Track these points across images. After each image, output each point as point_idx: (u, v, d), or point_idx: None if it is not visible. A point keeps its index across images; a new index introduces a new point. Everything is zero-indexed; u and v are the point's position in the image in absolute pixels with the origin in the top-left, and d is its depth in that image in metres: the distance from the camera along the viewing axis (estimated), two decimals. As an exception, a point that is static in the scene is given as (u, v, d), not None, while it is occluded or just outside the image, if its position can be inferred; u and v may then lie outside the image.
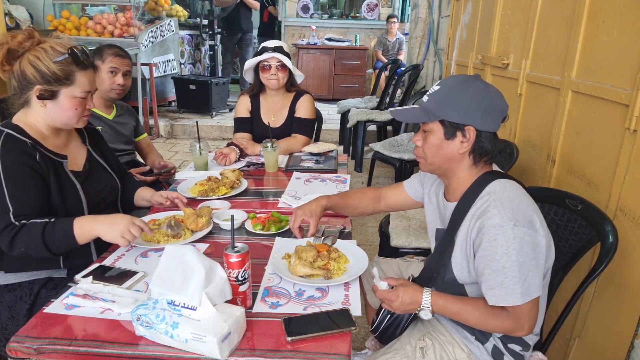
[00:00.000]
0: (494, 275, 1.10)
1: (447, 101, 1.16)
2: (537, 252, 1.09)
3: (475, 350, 1.23)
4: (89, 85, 1.43)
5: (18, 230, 1.27)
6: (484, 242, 1.11)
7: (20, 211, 1.30)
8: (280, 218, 1.59)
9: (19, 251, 1.29)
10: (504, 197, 1.12)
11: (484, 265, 1.12)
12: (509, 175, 1.22)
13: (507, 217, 1.08)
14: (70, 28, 5.35)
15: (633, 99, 1.35)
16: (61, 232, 1.29)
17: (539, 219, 1.12)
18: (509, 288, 1.08)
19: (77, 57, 1.38)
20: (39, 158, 1.36)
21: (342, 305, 1.15)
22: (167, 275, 1.01)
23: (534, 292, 1.09)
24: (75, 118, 1.44)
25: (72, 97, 1.40)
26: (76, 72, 1.38)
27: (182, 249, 1.03)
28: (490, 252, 1.09)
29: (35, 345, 0.99)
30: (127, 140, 2.35)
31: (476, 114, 1.13)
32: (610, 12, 1.53)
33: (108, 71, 2.12)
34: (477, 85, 1.15)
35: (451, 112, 1.15)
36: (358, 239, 1.53)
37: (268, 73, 2.32)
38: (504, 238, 1.07)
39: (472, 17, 3.08)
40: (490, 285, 1.11)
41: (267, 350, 1.00)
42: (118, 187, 1.66)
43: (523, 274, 1.07)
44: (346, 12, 8.08)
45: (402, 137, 3.70)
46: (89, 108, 1.46)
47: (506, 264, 1.07)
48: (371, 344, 1.65)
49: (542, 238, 1.10)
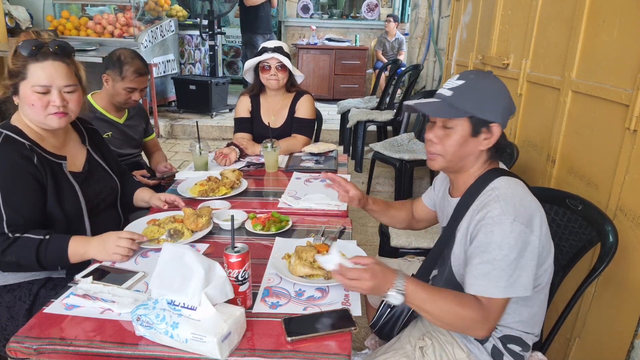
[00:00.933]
0: (482, 265, 1.09)
1: (475, 97, 1.14)
2: (529, 252, 1.08)
3: (474, 350, 1.23)
4: (47, 79, 1.32)
5: (11, 242, 1.27)
6: (480, 233, 1.11)
7: (13, 221, 1.29)
8: (280, 218, 1.59)
9: (9, 260, 1.29)
10: (508, 192, 1.12)
11: (475, 254, 1.11)
12: (514, 173, 1.22)
13: (507, 212, 1.08)
14: (70, 28, 5.36)
15: (633, 99, 1.35)
16: (55, 253, 1.30)
17: (540, 219, 1.12)
18: (493, 280, 1.08)
19: (29, 50, 1.30)
20: (37, 161, 1.34)
21: (342, 306, 1.14)
22: (166, 275, 1.01)
23: (517, 289, 1.08)
24: (38, 115, 1.34)
25: (29, 92, 1.32)
26: (29, 64, 1.31)
27: (181, 249, 1.03)
28: (484, 243, 1.09)
29: (35, 345, 0.99)
30: (137, 144, 2.35)
31: (500, 111, 1.15)
32: (611, 12, 1.52)
33: (126, 89, 2.09)
34: (498, 82, 1.18)
35: (480, 109, 1.14)
36: (358, 239, 1.52)
37: (268, 73, 2.33)
38: (501, 231, 1.07)
39: (472, 17, 3.08)
40: (475, 274, 1.10)
41: (267, 350, 0.99)
42: (118, 187, 1.66)
43: (511, 269, 1.07)
44: (346, 12, 8.08)
45: (402, 137, 3.70)
46: (55, 104, 1.34)
47: (497, 256, 1.07)
48: (371, 344, 1.65)
49: (536, 239, 1.09)
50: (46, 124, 1.38)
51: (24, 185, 1.32)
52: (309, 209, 1.72)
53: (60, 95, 1.35)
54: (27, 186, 1.32)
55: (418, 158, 3.26)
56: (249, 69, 2.41)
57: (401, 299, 1.09)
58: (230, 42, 8.05)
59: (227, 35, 7.82)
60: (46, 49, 1.33)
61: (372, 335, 1.64)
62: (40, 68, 1.31)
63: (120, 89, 2.09)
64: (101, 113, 2.16)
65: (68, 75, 1.36)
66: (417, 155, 3.28)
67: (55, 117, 1.36)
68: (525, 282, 1.09)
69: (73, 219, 1.43)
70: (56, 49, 1.34)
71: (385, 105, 4.69)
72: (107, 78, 2.11)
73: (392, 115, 4.28)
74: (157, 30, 5.50)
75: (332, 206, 1.72)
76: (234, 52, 8.13)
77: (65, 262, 1.32)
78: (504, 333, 1.22)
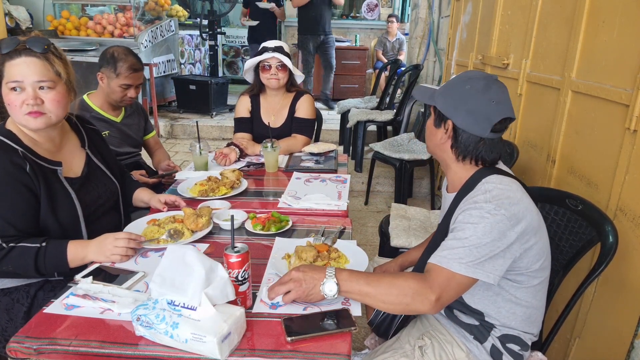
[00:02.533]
0: (451, 241, 1.09)
1: (445, 91, 1.20)
2: (502, 243, 1.07)
3: (474, 350, 1.23)
4: (19, 74, 1.27)
5: (6, 253, 1.26)
6: (460, 215, 1.11)
7: (5, 231, 1.27)
8: (280, 218, 1.59)
9: (5, 270, 1.28)
10: (498, 187, 1.12)
11: (450, 233, 1.12)
12: (512, 174, 1.22)
13: (491, 200, 1.08)
14: (70, 28, 5.36)
15: (633, 99, 1.35)
16: (54, 260, 1.29)
17: (527, 221, 1.10)
18: (457, 255, 1.06)
19: (3, 48, 1.28)
20: (29, 169, 1.31)
21: (342, 306, 1.14)
22: (167, 275, 1.01)
23: (480, 272, 1.06)
24: (16, 115, 1.30)
25: (6, 91, 1.29)
26: (5, 62, 1.28)
27: (183, 249, 1.03)
28: (461, 222, 1.10)
29: (35, 345, 0.99)
30: (135, 142, 2.34)
31: (459, 112, 1.16)
32: (611, 12, 1.52)
33: (121, 86, 2.08)
34: (476, 85, 1.15)
35: (441, 102, 1.19)
36: (358, 239, 1.53)
37: (268, 73, 2.33)
38: (479, 213, 1.07)
39: (472, 17, 3.08)
40: (442, 247, 1.10)
41: (267, 350, 0.99)
42: (118, 191, 1.63)
43: (479, 252, 1.06)
44: (346, 12, 8.07)
45: (402, 137, 3.70)
46: (27, 103, 1.28)
47: (470, 236, 1.07)
48: (370, 343, 1.65)
49: (514, 235, 1.07)
50: (25, 125, 1.33)
51: (15, 195, 1.29)
52: (309, 209, 1.72)
53: (34, 93, 1.29)
54: (18, 196, 1.29)
55: (418, 158, 3.26)
56: (249, 69, 2.41)
57: (336, 289, 1.08)
58: (230, 42, 8.05)
59: (227, 35, 7.82)
60: (21, 46, 1.29)
61: (372, 335, 1.64)
62: (14, 65, 1.28)
63: (116, 86, 2.08)
64: (97, 112, 2.15)
65: (42, 71, 1.29)
66: (417, 155, 3.28)
67: (31, 117, 1.29)
68: (491, 269, 1.07)
69: (69, 227, 1.40)
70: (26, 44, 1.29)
71: (385, 105, 4.69)
72: (101, 76, 2.10)
73: (392, 115, 4.28)
74: (157, 30, 5.50)
75: (332, 206, 1.72)
76: (234, 52, 8.13)
77: (65, 267, 1.30)
78: (502, 332, 1.22)
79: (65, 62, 1.37)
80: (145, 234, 1.47)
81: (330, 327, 1.05)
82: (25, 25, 5.17)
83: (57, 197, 1.38)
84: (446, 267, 1.07)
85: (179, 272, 1.00)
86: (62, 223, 1.38)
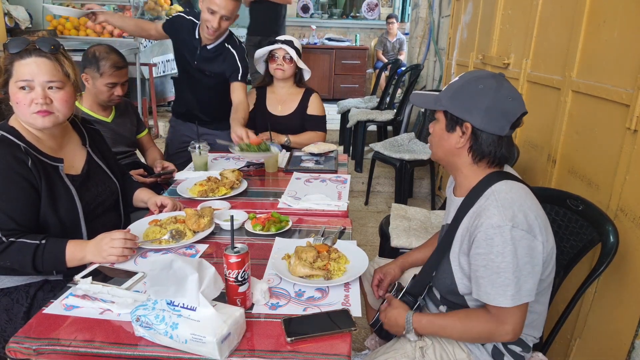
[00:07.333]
0: (487, 273, 1.09)
1: (454, 93, 1.16)
2: (532, 257, 1.08)
3: (475, 350, 1.23)
4: (29, 74, 1.30)
5: (5, 247, 1.26)
6: (480, 240, 1.10)
7: (6, 225, 1.27)
8: (280, 218, 1.58)
9: (3, 264, 1.28)
10: (507, 197, 1.11)
11: (479, 263, 1.11)
12: (518, 177, 1.22)
13: (506, 218, 1.07)
14: (69, 28, 5.34)
15: (634, 99, 1.35)
16: (52, 259, 1.29)
17: (541, 225, 1.11)
18: (500, 288, 1.08)
19: (14, 47, 1.30)
20: (31, 164, 1.32)
21: (342, 306, 1.14)
22: (161, 284, 0.99)
23: (524, 296, 1.08)
24: (24, 114, 1.32)
25: (15, 90, 1.31)
26: (15, 62, 1.30)
27: (167, 258, 0.99)
28: (486, 251, 1.09)
29: (34, 345, 0.99)
30: (129, 141, 2.32)
31: (476, 112, 1.13)
32: (611, 12, 1.52)
33: (107, 85, 2.06)
34: (488, 84, 1.13)
35: (454, 105, 1.16)
36: (358, 239, 1.52)
37: (275, 63, 2.47)
38: (501, 238, 1.06)
39: (473, 17, 3.08)
40: (482, 283, 1.11)
41: (267, 350, 0.99)
42: (118, 190, 1.63)
43: (516, 276, 1.07)
44: (346, 12, 8.07)
45: (403, 137, 3.70)
46: (37, 102, 1.30)
47: (501, 264, 1.07)
48: (371, 344, 1.65)
49: (540, 244, 1.09)
50: (32, 124, 1.35)
51: (17, 189, 1.29)
52: (309, 209, 1.71)
53: (44, 92, 1.31)
54: (19, 190, 1.30)
55: (418, 158, 3.26)
56: (260, 58, 2.53)
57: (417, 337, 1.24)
58: (230, 41, 8.03)
59: (227, 35, 7.80)
60: (31, 46, 1.31)
61: (372, 335, 1.64)
62: (23, 64, 1.30)
63: (101, 85, 2.05)
64: (87, 114, 2.13)
65: (52, 71, 1.32)
66: (417, 155, 3.28)
67: (39, 115, 1.32)
68: (530, 288, 1.09)
69: (68, 224, 1.41)
70: (35, 44, 1.32)
71: (385, 105, 4.69)
72: (86, 77, 2.06)
73: (392, 115, 4.27)
74: (157, 30, 5.49)
75: (332, 206, 1.72)
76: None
77: (62, 267, 1.30)
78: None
79: (72, 63, 1.40)
80: (147, 234, 1.47)
81: (330, 328, 1.05)
82: (25, 25, 5.16)
83: (57, 193, 1.40)
84: (504, 306, 1.09)
85: (172, 280, 0.98)
86: (62, 219, 1.39)
